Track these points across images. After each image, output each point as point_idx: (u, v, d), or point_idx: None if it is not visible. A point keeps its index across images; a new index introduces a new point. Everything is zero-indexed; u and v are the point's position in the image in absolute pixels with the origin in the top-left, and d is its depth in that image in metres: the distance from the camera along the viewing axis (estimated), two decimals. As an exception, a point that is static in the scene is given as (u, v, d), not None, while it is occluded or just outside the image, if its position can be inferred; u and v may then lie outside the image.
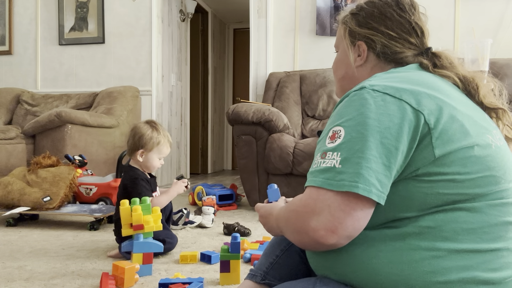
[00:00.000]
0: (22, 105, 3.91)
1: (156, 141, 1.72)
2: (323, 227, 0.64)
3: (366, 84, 0.71)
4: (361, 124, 0.66)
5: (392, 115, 0.66)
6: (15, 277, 1.40)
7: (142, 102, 3.87)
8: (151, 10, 3.85)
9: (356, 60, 0.88)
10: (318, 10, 3.44)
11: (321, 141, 0.73)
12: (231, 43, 6.20)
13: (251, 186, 2.66)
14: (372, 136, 0.65)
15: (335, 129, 0.69)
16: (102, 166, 3.29)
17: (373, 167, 0.64)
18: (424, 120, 0.66)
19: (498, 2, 3.07)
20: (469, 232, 0.65)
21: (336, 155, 0.66)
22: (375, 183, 0.64)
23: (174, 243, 1.68)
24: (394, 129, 0.65)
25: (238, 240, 1.34)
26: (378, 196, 0.64)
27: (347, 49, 0.89)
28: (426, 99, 0.68)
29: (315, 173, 0.69)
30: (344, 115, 0.69)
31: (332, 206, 0.64)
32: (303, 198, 0.70)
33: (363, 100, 0.68)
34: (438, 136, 0.66)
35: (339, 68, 0.93)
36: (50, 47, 4.11)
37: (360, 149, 0.64)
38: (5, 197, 2.22)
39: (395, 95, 0.68)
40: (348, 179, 0.64)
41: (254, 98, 3.60)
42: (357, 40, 0.87)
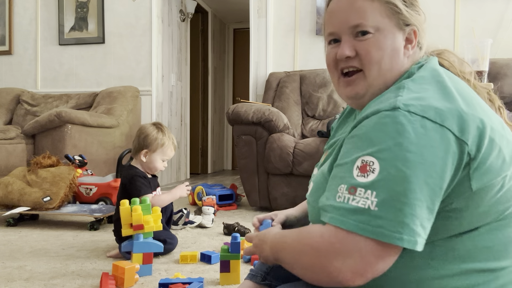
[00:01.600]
0: (22, 105, 3.91)
1: (161, 142, 1.73)
2: (350, 270, 0.57)
3: (398, 102, 0.60)
4: (401, 159, 0.57)
5: (435, 147, 0.57)
6: (15, 277, 1.40)
7: (142, 102, 3.87)
8: (151, 10, 3.85)
9: (407, 48, 0.72)
10: (318, 10, 3.44)
11: (343, 166, 0.63)
12: (231, 43, 6.20)
13: (251, 186, 2.66)
14: (415, 176, 0.56)
15: (367, 160, 0.59)
16: (102, 166, 3.29)
17: (418, 213, 0.56)
18: (467, 150, 0.58)
19: (498, 2, 3.07)
20: (481, 250, 0.62)
21: (371, 194, 0.57)
22: (420, 232, 0.56)
23: (174, 244, 1.68)
24: (438, 165, 0.57)
25: (238, 240, 1.34)
26: (422, 244, 0.57)
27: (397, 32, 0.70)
28: (468, 122, 0.59)
29: (342, 211, 0.59)
30: (376, 143, 0.59)
31: (363, 250, 0.57)
32: (326, 235, 0.61)
33: (399, 126, 0.58)
34: (477, 166, 0.59)
35: (386, 55, 0.70)
36: (50, 47, 4.11)
37: (402, 192, 0.56)
38: (5, 197, 2.22)
39: (436, 120, 0.58)
40: (388, 227, 0.56)
41: (254, 98, 3.60)
42: (408, 25, 0.71)
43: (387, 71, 0.70)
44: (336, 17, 0.73)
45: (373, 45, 0.70)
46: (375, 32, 0.70)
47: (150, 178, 1.77)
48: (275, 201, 2.61)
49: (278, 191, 2.58)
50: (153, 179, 1.79)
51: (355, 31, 0.71)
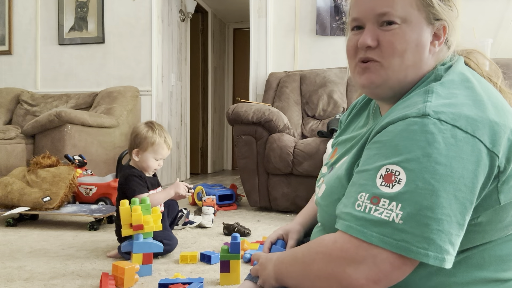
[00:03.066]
0: (21, 105, 3.91)
1: (151, 140, 1.71)
2: (364, 277, 0.55)
3: (428, 109, 0.56)
4: (429, 171, 0.54)
5: (465, 159, 0.54)
6: (15, 277, 1.40)
7: (142, 102, 3.87)
8: (151, 10, 3.85)
9: (434, 44, 0.67)
10: (318, 10, 3.44)
11: (365, 173, 0.60)
12: (231, 43, 6.20)
13: (251, 186, 2.66)
14: (444, 190, 0.53)
15: (392, 169, 0.56)
16: (102, 166, 3.28)
17: (446, 229, 0.53)
18: (497, 164, 0.56)
19: (498, 2, 3.07)
20: (496, 259, 0.61)
21: (395, 206, 0.54)
22: (448, 248, 0.54)
23: (173, 245, 1.67)
24: (469, 178, 0.54)
25: (238, 240, 1.34)
26: (451, 261, 0.55)
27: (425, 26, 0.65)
28: (499, 134, 0.56)
29: (362, 221, 0.57)
30: (403, 151, 0.56)
31: (378, 257, 0.55)
32: (339, 241, 0.59)
33: (429, 135, 0.55)
34: (505, 179, 0.57)
35: (411, 50, 0.65)
36: (50, 47, 4.10)
37: (429, 206, 0.53)
38: (5, 197, 2.22)
39: (467, 130, 0.55)
40: (414, 243, 0.53)
41: (254, 98, 3.59)
42: (439, 20, 0.66)
43: (408, 66, 0.65)
44: (363, 2, 0.67)
45: (398, 37, 0.65)
46: (402, 23, 0.65)
47: (149, 177, 1.76)
48: (275, 201, 2.61)
49: (278, 191, 2.58)
50: (152, 178, 1.78)
51: (381, 20, 0.66)
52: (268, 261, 0.74)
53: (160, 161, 1.77)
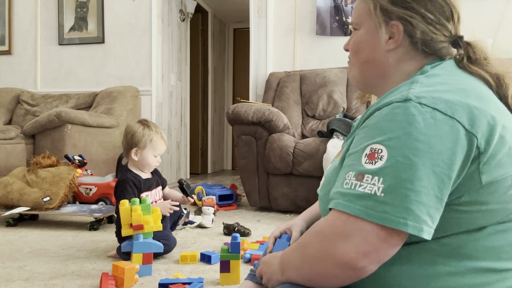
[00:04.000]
0: (21, 105, 3.91)
1: (149, 138, 1.72)
2: (354, 250, 0.58)
3: (410, 94, 0.61)
4: (409, 147, 0.58)
5: (444, 137, 0.58)
6: (15, 277, 1.40)
7: (142, 102, 3.87)
8: (151, 10, 3.85)
9: (388, 43, 0.74)
10: (318, 10, 3.44)
11: (353, 155, 0.64)
12: (231, 43, 6.20)
13: (251, 186, 2.66)
14: (422, 164, 0.57)
15: (375, 147, 0.60)
16: (102, 166, 3.28)
17: (424, 200, 0.57)
18: (476, 144, 0.59)
19: (498, 2, 3.07)
20: (489, 250, 0.63)
21: (378, 180, 0.58)
22: (426, 219, 0.57)
23: (171, 246, 1.66)
24: (446, 155, 0.57)
25: (238, 240, 1.34)
26: (429, 233, 0.57)
27: (377, 29, 0.75)
28: (479, 117, 0.60)
29: (348, 197, 0.60)
30: (386, 131, 0.60)
31: (365, 231, 0.58)
32: (330, 218, 0.62)
33: (410, 116, 0.59)
34: (486, 161, 0.59)
35: (362, 50, 0.78)
36: (50, 47, 4.10)
37: (408, 179, 0.57)
38: (5, 197, 2.22)
39: (447, 112, 0.59)
40: (394, 213, 0.57)
41: (254, 98, 3.59)
42: (391, 20, 0.73)
43: (362, 63, 0.78)
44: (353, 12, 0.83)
45: (354, 39, 0.79)
46: (360, 29, 0.78)
47: (145, 178, 1.75)
48: (275, 201, 2.61)
49: (278, 191, 2.58)
50: (148, 180, 1.76)
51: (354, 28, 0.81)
52: (273, 258, 0.76)
53: (158, 157, 1.77)
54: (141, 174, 1.76)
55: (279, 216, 2.50)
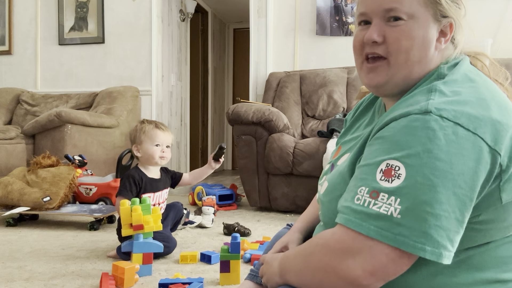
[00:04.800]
0: (22, 105, 3.91)
1: (142, 130, 1.73)
2: (360, 268, 0.56)
3: (430, 106, 0.57)
4: (429, 167, 0.54)
5: (466, 156, 0.54)
6: (15, 277, 1.40)
7: (142, 102, 3.87)
8: (151, 10, 3.85)
9: (441, 42, 0.67)
10: (318, 10, 3.44)
11: (366, 167, 0.60)
12: (231, 43, 6.20)
13: (251, 186, 2.66)
14: (443, 186, 0.53)
15: (392, 164, 0.57)
16: (102, 166, 3.29)
17: (444, 225, 0.53)
18: (499, 161, 0.56)
19: (498, 2, 3.07)
20: (497, 261, 0.61)
21: (394, 201, 0.55)
22: (446, 244, 0.54)
23: (171, 248, 1.64)
24: (469, 175, 0.54)
25: (238, 240, 1.34)
26: (449, 258, 0.55)
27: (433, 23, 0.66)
28: (501, 133, 0.56)
29: (361, 215, 0.57)
30: (404, 147, 0.56)
31: (375, 249, 0.55)
32: (338, 233, 0.60)
33: (430, 131, 0.55)
34: (508, 178, 0.57)
35: (415, 47, 0.65)
36: (50, 47, 4.11)
37: (428, 201, 0.53)
38: (5, 197, 2.22)
39: (469, 127, 0.55)
40: (411, 237, 0.54)
41: (254, 98, 3.59)
42: (446, 17, 0.67)
43: (414, 62, 0.66)
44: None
45: (404, 33, 0.65)
46: (409, 20, 0.65)
47: (151, 178, 1.74)
48: (275, 201, 2.61)
49: (278, 191, 2.58)
50: (155, 180, 1.75)
51: (388, 15, 0.66)
52: (274, 259, 0.74)
53: (163, 147, 1.73)
54: (148, 173, 1.74)
55: (279, 216, 2.50)
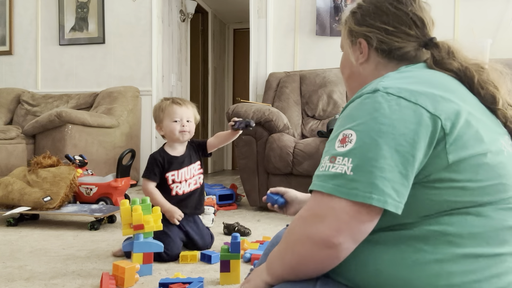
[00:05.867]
0: (22, 105, 3.92)
1: (161, 108, 1.73)
2: (328, 228, 0.63)
3: (379, 86, 0.68)
4: (375, 130, 0.64)
5: (407, 120, 0.63)
6: (16, 277, 1.40)
7: (142, 102, 3.88)
8: (151, 10, 3.86)
9: (359, 58, 0.86)
10: (318, 10, 3.44)
11: (329, 143, 0.70)
12: (231, 43, 6.20)
13: (251, 186, 2.67)
14: (386, 144, 0.62)
15: (346, 133, 0.67)
16: (102, 166, 3.29)
17: (388, 176, 0.62)
18: (441, 125, 0.64)
19: (498, 2, 3.07)
20: (474, 236, 0.64)
21: (347, 161, 0.64)
22: (391, 193, 0.62)
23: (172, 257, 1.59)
24: (409, 135, 0.63)
25: (238, 240, 1.35)
26: (396, 206, 0.62)
27: (349, 48, 0.89)
28: (443, 103, 0.65)
29: (322, 177, 0.66)
30: (356, 118, 0.67)
31: (337, 209, 0.63)
32: (308, 204, 0.68)
33: (376, 104, 0.66)
34: (453, 141, 0.64)
35: (345, 67, 0.92)
36: (50, 47, 4.11)
37: (373, 157, 0.62)
38: (6, 197, 2.22)
39: (411, 99, 0.65)
40: (361, 188, 0.62)
41: (254, 98, 3.60)
42: (356, 38, 0.86)
43: (347, 77, 0.92)
44: None
45: (341, 59, 0.94)
46: (343, 50, 0.93)
47: (173, 156, 1.72)
48: (275, 201, 2.61)
49: (278, 191, 2.58)
50: (177, 158, 1.72)
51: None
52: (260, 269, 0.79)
53: (182, 122, 1.70)
54: (172, 151, 1.73)
55: (279, 216, 2.51)
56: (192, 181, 1.76)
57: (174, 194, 1.70)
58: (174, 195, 1.70)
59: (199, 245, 1.71)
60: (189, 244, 1.71)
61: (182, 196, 1.72)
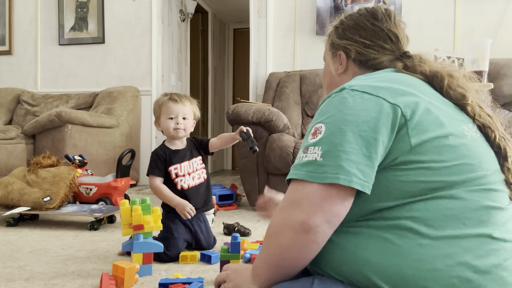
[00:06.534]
0: (22, 105, 3.91)
1: (158, 104, 1.73)
2: (304, 213, 0.68)
3: (346, 85, 0.76)
4: (340, 120, 0.71)
5: (369, 109, 0.71)
6: (15, 277, 1.40)
7: (142, 102, 3.87)
8: (151, 10, 3.86)
9: (338, 69, 0.96)
10: (318, 10, 3.44)
11: (305, 138, 0.77)
12: (231, 43, 6.20)
13: (251, 186, 2.66)
14: (350, 130, 0.69)
15: (317, 126, 0.74)
16: (102, 166, 3.29)
17: (353, 158, 0.68)
18: (401, 112, 0.70)
19: (498, 2, 3.07)
20: (451, 219, 0.67)
21: (318, 149, 0.71)
22: (356, 172, 0.68)
23: (172, 257, 1.60)
24: (372, 122, 0.69)
25: (238, 240, 1.35)
26: (362, 184, 0.68)
27: (329, 60, 0.98)
28: (402, 95, 0.73)
29: (297, 167, 0.73)
30: (325, 113, 0.75)
31: (310, 194, 0.69)
32: (286, 194, 0.74)
33: (342, 99, 0.74)
34: (414, 126, 0.70)
35: (326, 77, 1.02)
36: (50, 47, 4.11)
37: (339, 143, 0.69)
38: (5, 197, 2.22)
39: (372, 92, 0.73)
40: (329, 171, 0.68)
41: (254, 98, 3.60)
42: (337, 51, 0.95)
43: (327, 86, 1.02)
44: None
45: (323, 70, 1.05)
46: (325, 62, 1.03)
47: (175, 150, 1.71)
48: (275, 201, 2.61)
49: (278, 191, 2.58)
50: (177, 152, 1.71)
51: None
52: (245, 269, 0.83)
53: (177, 119, 1.68)
54: (172, 146, 1.73)
55: (279, 216, 2.50)
56: (196, 175, 1.74)
57: (180, 189, 1.68)
58: (180, 190, 1.68)
59: (204, 245, 1.71)
60: (194, 243, 1.71)
61: (189, 191, 1.69)
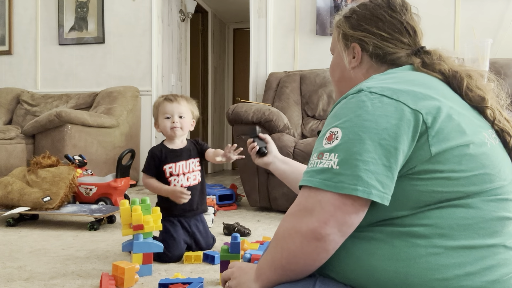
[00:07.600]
0: (22, 105, 3.91)
1: (155, 105, 1.74)
2: (316, 220, 0.65)
3: (363, 86, 0.71)
4: (358, 126, 0.66)
5: (389, 116, 0.66)
6: (15, 277, 1.40)
7: (142, 102, 3.87)
8: (151, 10, 3.85)
9: (351, 62, 0.89)
10: (318, 10, 3.44)
11: (318, 141, 0.74)
12: (231, 43, 6.20)
13: (251, 186, 2.66)
14: (369, 138, 0.65)
15: (332, 130, 0.70)
16: (102, 166, 3.29)
17: (372, 169, 0.64)
18: (422, 119, 0.66)
19: (498, 2, 3.07)
20: (465, 228, 0.66)
21: (334, 156, 0.67)
22: (375, 184, 0.64)
23: (173, 257, 1.59)
24: (392, 130, 0.65)
25: (238, 240, 1.34)
26: (381, 197, 0.64)
27: (342, 52, 0.91)
28: (424, 100, 0.68)
29: (311, 173, 0.69)
30: (341, 117, 0.70)
31: (323, 201, 0.65)
32: (297, 199, 0.71)
33: (360, 102, 0.69)
34: (435, 134, 0.66)
35: (335, 70, 0.95)
36: (50, 47, 4.11)
37: (358, 151, 0.65)
38: (5, 197, 2.22)
39: (392, 96, 0.68)
40: (346, 181, 0.64)
41: (254, 98, 3.60)
42: (350, 43, 0.88)
43: (337, 80, 0.95)
44: None
45: (331, 63, 0.98)
46: (333, 53, 0.97)
47: (172, 149, 1.71)
48: (275, 201, 2.61)
49: (278, 191, 2.58)
50: (174, 151, 1.71)
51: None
52: (250, 268, 0.81)
53: (174, 118, 1.68)
54: (170, 145, 1.73)
55: (279, 216, 2.50)
56: (191, 176, 1.74)
57: None
58: None
59: (203, 246, 1.71)
60: (193, 244, 1.71)
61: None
